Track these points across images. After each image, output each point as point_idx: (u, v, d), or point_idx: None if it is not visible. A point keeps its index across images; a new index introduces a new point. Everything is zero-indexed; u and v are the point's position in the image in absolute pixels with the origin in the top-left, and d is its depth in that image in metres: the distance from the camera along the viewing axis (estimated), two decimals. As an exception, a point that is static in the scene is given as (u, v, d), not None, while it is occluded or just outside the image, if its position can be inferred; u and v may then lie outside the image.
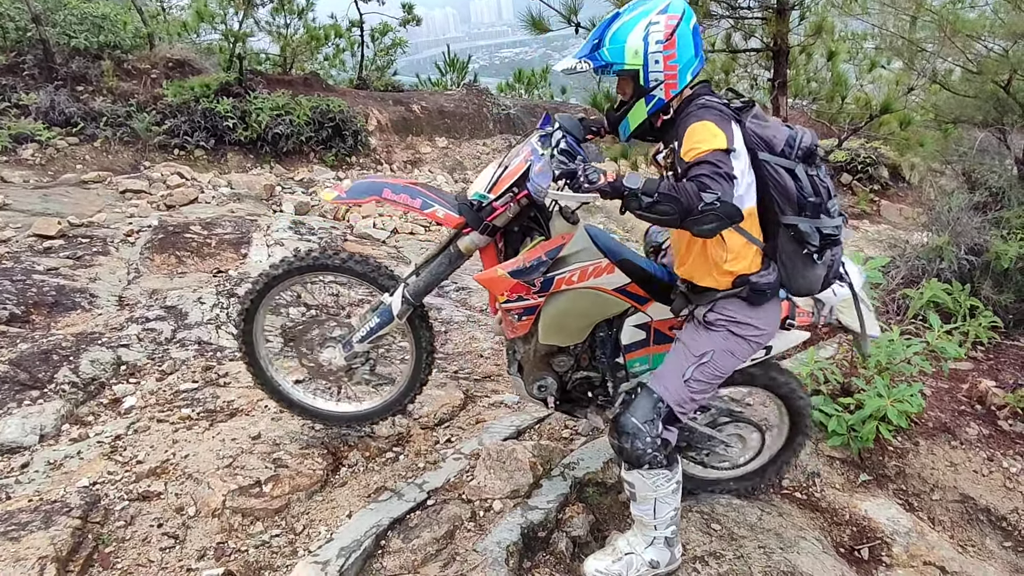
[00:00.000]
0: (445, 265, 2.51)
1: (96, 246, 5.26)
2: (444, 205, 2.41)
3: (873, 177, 9.80)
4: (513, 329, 2.47)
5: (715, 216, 1.88)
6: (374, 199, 2.42)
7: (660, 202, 1.89)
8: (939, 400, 3.88)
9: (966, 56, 5.61)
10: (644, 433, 2.20)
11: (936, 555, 3.05)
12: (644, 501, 2.32)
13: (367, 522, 2.51)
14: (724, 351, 2.25)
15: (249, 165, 8.73)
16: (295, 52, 10.77)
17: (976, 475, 3.41)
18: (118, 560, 2.39)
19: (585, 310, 2.44)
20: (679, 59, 2.10)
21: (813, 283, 2.25)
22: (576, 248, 2.35)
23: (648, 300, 2.45)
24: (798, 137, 2.12)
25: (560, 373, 2.60)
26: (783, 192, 2.10)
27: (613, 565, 2.38)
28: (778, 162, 2.10)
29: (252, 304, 2.67)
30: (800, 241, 2.14)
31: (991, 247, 4.65)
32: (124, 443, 2.97)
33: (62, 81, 8.23)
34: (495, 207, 2.32)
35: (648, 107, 2.17)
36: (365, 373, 2.79)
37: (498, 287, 2.34)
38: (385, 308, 2.57)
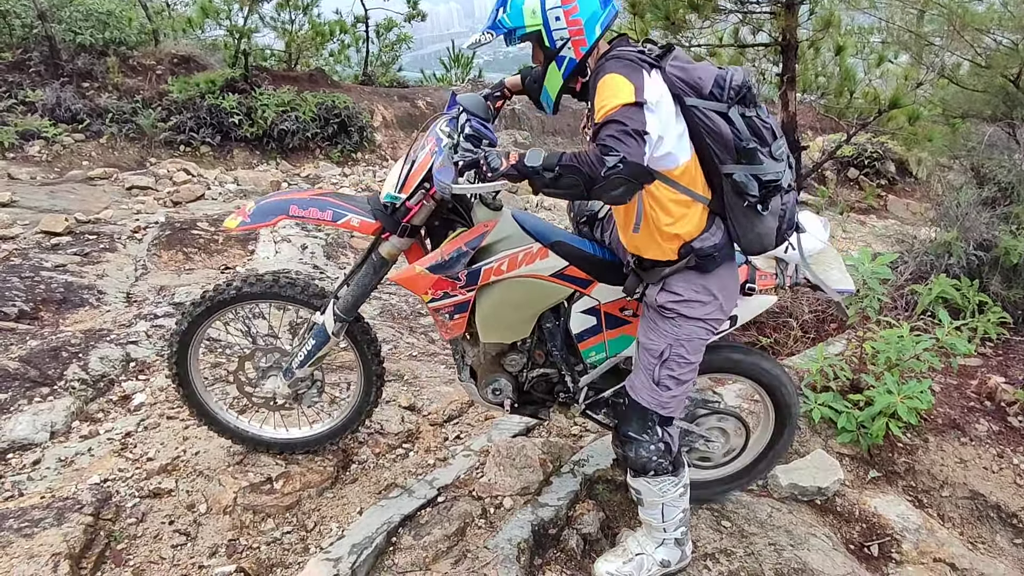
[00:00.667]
0: (371, 275, 2.39)
1: (103, 243, 5.27)
2: (358, 212, 2.27)
3: (880, 172, 9.76)
4: (447, 329, 2.32)
5: (621, 179, 1.75)
6: (281, 218, 2.27)
7: (562, 175, 1.79)
8: (948, 396, 3.87)
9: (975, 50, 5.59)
10: (646, 441, 2.17)
11: (946, 552, 3.05)
12: (652, 506, 2.31)
13: (378, 519, 2.52)
14: (680, 341, 2.10)
15: (255, 161, 8.74)
16: (300, 48, 10.76)
17: (986, 472, 3.40)
18: (130, 557, 2.40)
19: (522, 301, 2.28)
20: (582, 12, 1.93)
21: (765, 238, 2.04)
22: (502, 235, 2.19)
23: (591, 282, 2.29)
24: (728, 76, 1.93)
25: (514, 373, 2.46)
26: (718, 139, 1.92)
27: (624, 566, 2.37)
28: (708, 106, 1.91)
29: (181, 346, 2.54)
30: (739, 192, 1.94)
31: (1000, 242, 4.62)
32: (134, 440, 2.98)
33: (68, 78, 8.25)
34: (409, 207, 2.20)
35: (561, 71, 2.01)
36: (314, 396, 2.68)
37: (419, 285, 2.19)
38: (319, 328, 2.46)
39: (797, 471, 3.15)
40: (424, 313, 5.00)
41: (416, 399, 3.45)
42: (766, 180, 1.94)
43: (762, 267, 2.34)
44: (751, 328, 4.66)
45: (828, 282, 2.35)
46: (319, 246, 5.65)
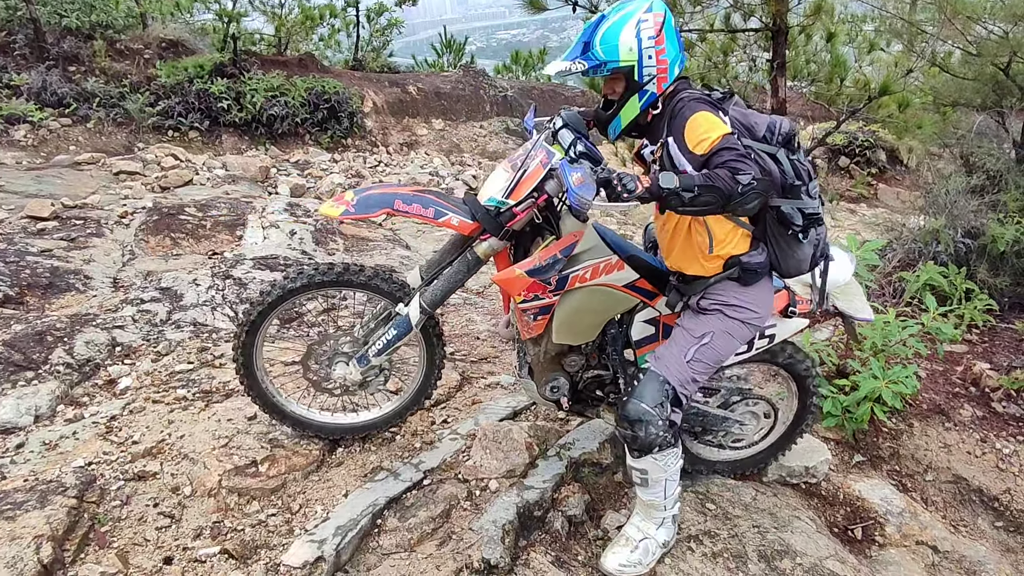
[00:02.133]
0: (463, 272, 2.46)
1: (90, 228, 5.21)
2: (457, 212, 2.36)
3: (871, 160, 9.78)
4: (528, 329, 2.46)
5: (756, 194, 1.96)
6: (386, 212, 2.35)
7: (701, 194, 1.93)
8: (933, 382, 3.90)
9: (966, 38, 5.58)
10: (655, 417, 2.22)
11: (928, 535, 3.08)
12: (655, 484, 2.35)
13: (363, 501, 2.52)
14: (723, 332, 2.28)
15: (244, 147, 8.67)
16: (290, 32, 10.66)
17: (969, 456, 3.44)
18: (114, 539, 2.39)
19: (597, 307, 2.45)
20: (668, 54, 2.17)
21: (802, 262, 2.31)
22: (588, 245, 2.36)
23: (656, 295, 2.47)
24: (778, 124, 2.19)
25: (571, 373, 2.60)
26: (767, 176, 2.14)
27: (633, 555, 2.40)
28: (761, 148, 2.16)
29: (259, 316, 2.56)
30: (784, 223, 2.21)
31: (988, 230, 4.64)
32: (119, 424, 2.97)
33: (54, 61, 8.14)
34: (516, 212, 2.31)
35: (641, 102, 2.22)
36: (380, 383, 2.73)
37: (515, 287, 2.34)
38: (403, 319, 2.50)
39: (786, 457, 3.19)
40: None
41: (403, 384, 3.44)
42: (808, 213, 2.21)
43: (800, 294, 2.60)
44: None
45: (851, 311, 2.69)
46: (308, 232, 5.62)
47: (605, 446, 2.95)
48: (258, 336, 2.61)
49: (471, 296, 5.02)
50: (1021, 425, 3.58)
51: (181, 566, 2.30)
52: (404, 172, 8.72)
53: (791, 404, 2.91)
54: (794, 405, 2.89)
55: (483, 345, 4.06)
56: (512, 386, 3.56)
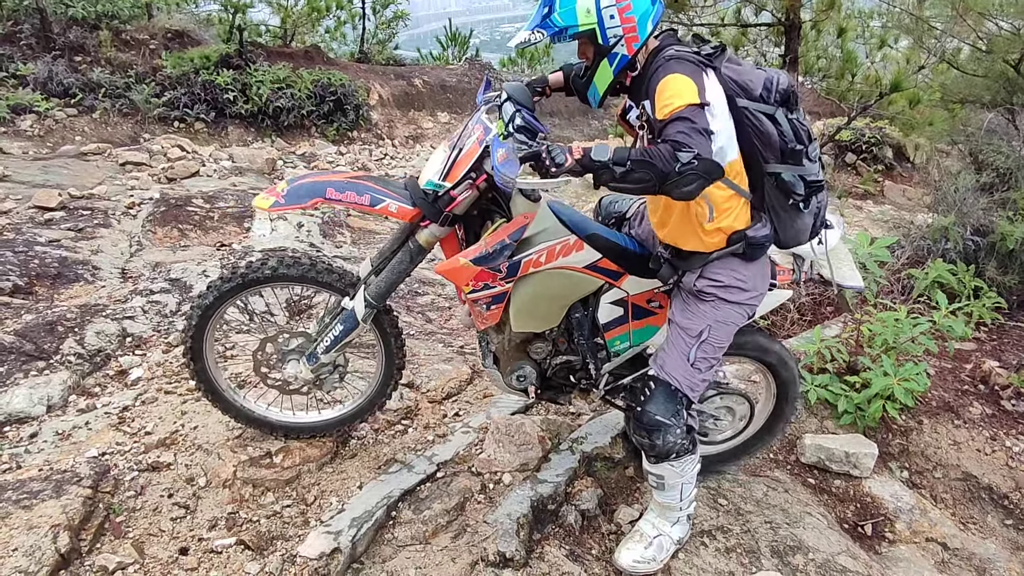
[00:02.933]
0: (406, 263, 2.35)
1: (97, 218, 5.21)
2: (395, 198, 2.24)
3: (877, 157, 9.73)
4: (483, 320, 2.34)
5: (694, 175, 1.78)
6: (317, 202, 2.21)
7: (633, 170, 1.79)
8: (943, 380, 3.90)
9: (977, 35, 5.56)
10: (673, 425, 2.16)
11: (938, 532, 3.09)
12: (672, 488, 2.31)
13: (378, 493, 2.53)
14: (719, 323, 2.17)
15: (250, 139, 8.65)
16: (296, 24, 10.62)
17: (979, 454, 3.44)
18: (130, 529, 2.40)
19: (557, 291, 2.32)
20: (635, 9, 1.98)
21: (802, 232, 2.19)
22: (541, 227, 2.21)
23: (622, 275, 2.34)
24: (775, 80, 2.02)
25: (538, 360, 2.48)
26: (765, 140, 2.02)
27: (647, 551, 2.38)
28: (758, 108, 2.00)
29: (194, 341, 2.48)
30: (785, 191, 2.07)
31: (997, 228, 4.63)
32: (132, 414, 2.97)
33: (59, 51, 8.11)
34: (453, 196, 2.18)
35: (613, 67, 2.06)
36: (335, 381, 2.63)
37: (461, 277, 2.20)
38: (348, 314, 2.41)
39: (826, 439, 3.24)
40: (421, 292, 4.99)
41: (415, 377, 3.45)
42: (809, 180, 2.06)
43: (780, 263, 2.40)
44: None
45: (839, 278, 2.46)
46: (315, 224, 5.62)
47: (617, 440, 2.95)
48: (205, 341, 2.52)
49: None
50: (1031, 423, 3.58)
51: (197, 556, 2.31)
52: (410, 165, 8.71)
53: (769, 395, 2.80)
54: (772, 396, 2.77)
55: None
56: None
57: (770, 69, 2.09)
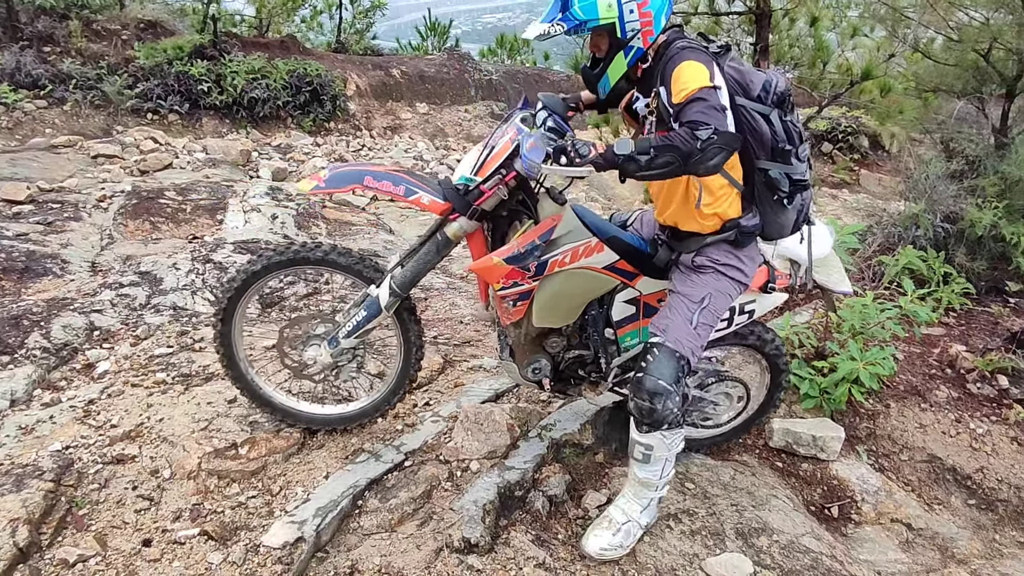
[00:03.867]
0: (433, 253, 2.45)
1: (68, 212, 5.13)
2: (428, 191, 2.35)
3: (853, 146, 9.83)
4: (508, 316, 2.46)
5: (717, 148, 1.90)
6: (355, 188, 2.38)
7: (658, 156, 1.90)
8: (911, 364, 3.95)
9: (948, 24, 5.60)
10: (673, 392, 2.22)
11: (903, 512, 3.14)
12: (656, 462, 2.35)
13: (344, 483, 2.52)
14: (718, 293, 2.30)
15: (225, 130, 8.55)
16: (271, 14, 10.50)
17: (944, 436, 3.50)
18: (92, 522, 2.38)
19: (578, 290, 2.44)
20: (652, 4, 2.09)
21: (784, 227, 2.32)
22: (566, 229, 2.34)
23: (636, 275, 2.48)
24: (773, 82, 2.12)
25: (553, 354, 2.61)
26: (758, 138, 2.12)
27: (615, 538, 2.40)
28: (754, 107, 2.10)
29: (230, 303, 2.55)
30: (771, 187, 2.19)
31: (966, 215, 4.69)
32: (97, 407, 2.94)
33: (28, 41, 7.96)
34: (483, 190, 2.29)
35: (628, 59, 2.17)
36: (352, 371, 2.70)
37: (494, 275, 2.33)
38: (372, 300, 2.49)
39: (793, 423, 3.30)
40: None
41: (386, 367, 3.44)
42: (795, 179, 2.19)
43: (779, 268, 2.61)
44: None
45: (830, 284, 2.71)
46: (290, 216, 5.57)
47: (586, 427, 2.97)
48: (238, 308, 2.59)
49: (455, 280, 5.01)
50: (995, 405, 3.64)
51: (160, 548, 2.29)
52: (388, 156, 8.65)
53: (762, 385, 2.96)
54: (765, 386, 2.94)
55: (466, 329, 4.06)
56: (495, 369, 3.57)
57: (770, 71, 2.20)
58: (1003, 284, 4.68)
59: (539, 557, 2.31)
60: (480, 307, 2.59)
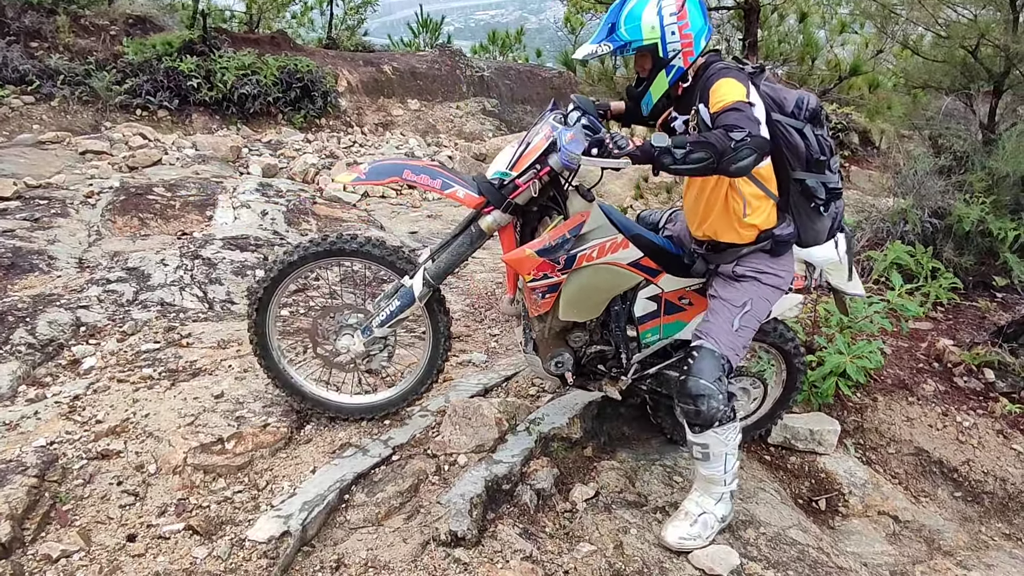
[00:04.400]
0: (466, 246, 2.53)
1: (55, 208, 5.10)
2: (464, 185, 2.43)
3: (844, 143, 9.83)
4: (537, 307, 2.52)
5: (749, 150, 1.99)
6: (395, 180, 2.46)
7: (694, 151, 1.98)
8: (899, 358, 3.98)
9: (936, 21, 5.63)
10: (716, 392, 2.27)
11: (890, 505, 3.16)
12: (716, 458, 2.39)
13: (331, 477, 2.51)
14: (760, 299, 2.40)
15: (215, 126, 8.51)
16: (261, 9, 10.45)
17: (931, 429, 3.52)
18: (76, 517, 2.36)
19: (603, 285, 2.50)
20: (692, 27, 2.22)
21: (820, 233, 2.43)
22: (594, 225, 2.41)
23: (660, 272, 2.54)
24: (805, 100, 2.27)
25: (575, 348, 2.66)
26: (793, 150, 2.25)
27: (692, 528, 2.43)
28: (789, 122, 2.24)
29: (265, 293, 2.60)
30: (808, 195, 2.32)
31: (954, 210, 4.72)
32: (83, 403, 2.92)
33: (15, 37, 7.89)
34: (518, 184, 2.36)
35: (669, 77, 2.29)
36: (383, 360, 2.76)
37: (525, 267, 2.39)
38: (406, 291, 2.56)
39: (790, 418, 3.31)
40: (388, 280, 4.96)
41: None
42: (830, 187, 2.32)
43: (795, 271, 2.61)
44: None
45: (843, 287, 2.80)
46: (280, 212, 5.54)
47: (574, 421, 2.97)
48: (274, 297, 2.65)
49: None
50: (981, 399, 3.67)
51: (145, 543, 2.28)
52: (379, 152, 8.63)
53: (779, 380, 3.00)
54: (782, 381, 2.99)
55: (455, 324, 4.05)
56: (483, 364, 3.57)
57: (801, 91, 2.35)
58: (990, 279, 4.71)
59: (526, 550, 2.31)
60: (503, 300, 2.63)
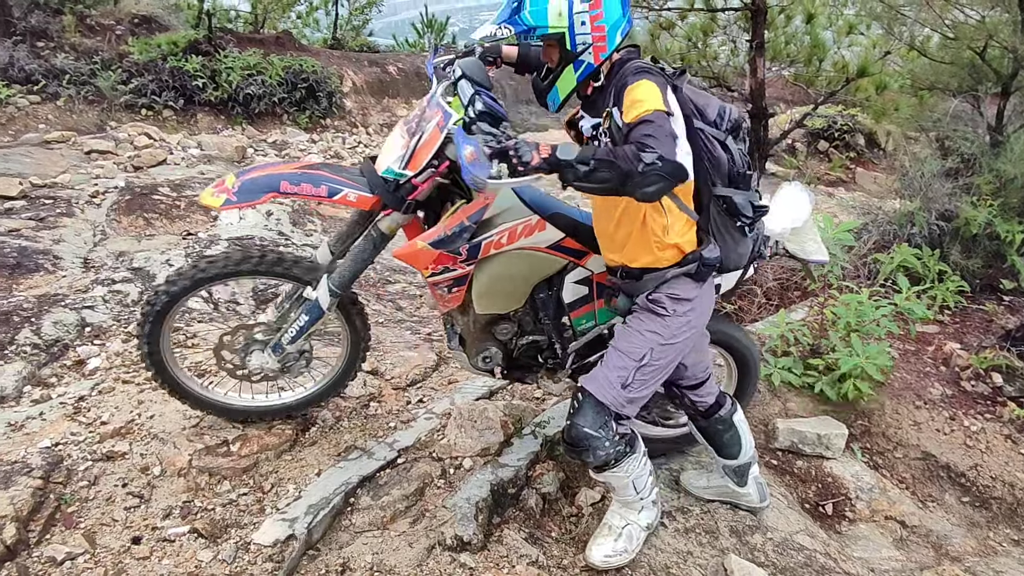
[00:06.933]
0: (369, 250, 2.30)
1: (60, 207, 5.10)
2: (353, 186, 2.18)
3: (849, 144, 9.84)
4: (445, 302, 2.33)
5: (658, 176, 1.73)
6: (272, 196, 2.14)
7: (597, 169, 1.75)
8: (905, 362, 3.95)
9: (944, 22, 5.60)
10: (602, 438, 2.11)
11: (897, 510, 3.13)
12: (623, 488, 2.29)
13: (336, 480, 2.51)
14: (666, 344, 2.12)
15: (220, 126, 8.51)
16: (266, 9, 10.44)
17: (938, 434, 3.50)
18: (81, 520, 2.36)
19: (520, 273, 2.30)
20: (606, 19, 1.96)
21: (742, 256, 2.20)
22: (502, 208, 2.19)
23: (586, 254, 2.32)
24: (727, 110, 2.06)
25: (504, 341, 2.47)
26: (716, 163, 2.04)
27: (617, 543, 2.35)
28: (712, 132, 2.02)
29: (152, 325, 2.41)
30: (733, 214, 2.09)
31: (961, 213, 4.69)
32: (88, 404, 2.92)
33: (21, 36, 7.90)
34: (416, 184, 2.12)
35: (577, 73, 2.03)
36: (302, 367, 2.62)
37: (420, 261, 2.17)
38: (312, 304, 2.37)
39: (798, 422, 3.28)
40: (392, 280, 4.96)
41: (379, 364, 3.43)
42: (757, 205, 2.11)
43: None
44: (717, 295, 4.70)
45: (803, 253, 2.51)
46: (285, 213, 5.54)
47: (580, 425, 2.95)
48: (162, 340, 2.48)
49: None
50: (989, 403, 3.64)
51: (149, 545, 2.28)
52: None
53: (729, 385, 2.82)
54: (732, 385, 2.81)
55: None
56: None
57: (724, 102, 2.13)
58: (997, 282, 4.68)
59: (532, 555, 2.30)
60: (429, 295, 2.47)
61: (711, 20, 5.08)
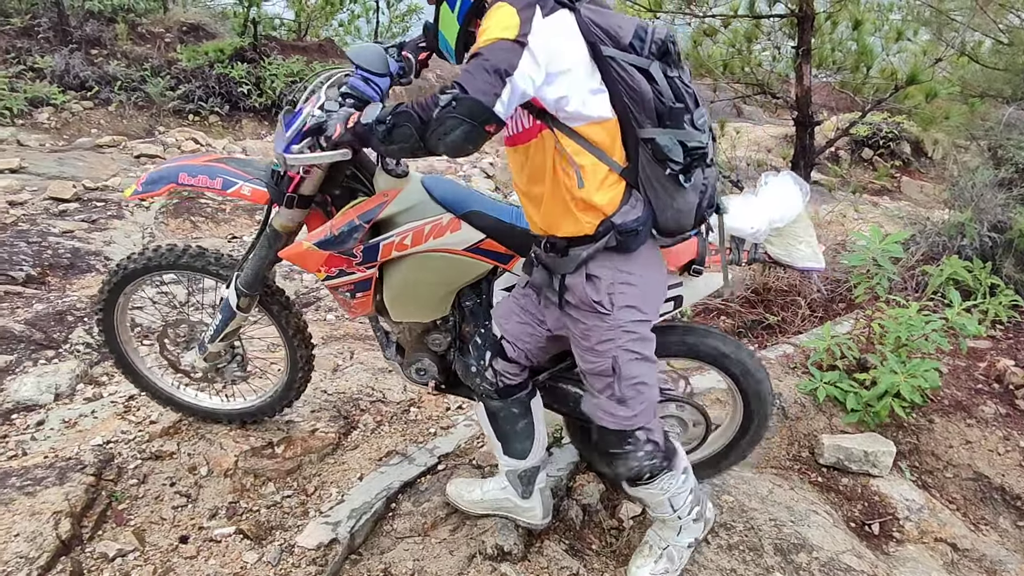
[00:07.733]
0: (266, 248, 2.19)
1: (111, 210, 5.27)
2: (250, 180, 2.09)
3: (895, 153, 9.62)
4: (350, 309, 2.16)
5: (455, 119, 1.43)
6: (170, 187, 2.14)
7: (396, 125, 1.49)
8: (956, 378, 3.83)
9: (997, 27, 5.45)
10: (632, 451, 1.95)
11: (948, 532, 3.03)
12: (659, 505, 2.17)
13: (378, 485, 2.53)
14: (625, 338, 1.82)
15: (264, 132, 8.70)
16: (310, 17, 10.64)
17: (991, 454, 3.38)
18: (131, 517, 2.42)
19: (435, 278, 2.08)
20: None
21: (684, 215, 1.74)
22: (405, 205, 1.97)
23: (512, 257, 2.07)
24: (649, 29, 1.63)
25: (438, 352, 2.26)
26: (637, 98, 1.62)
27: (658, 564, 2.26)
28: (627, 59, 1.60)
29: (104, 312, 2.51)
30: (661, 159, 1.64)
31: (1015, 224, 4.54)
32: (138, 403, 3.00)
33: (76, 44, 8.20)
34: (291, 176, 1.96)
35: (455, 12, 1.69)
36: (235, 370, 2.58)
37: (309, 263, 2.00)
38: (225, 303, 2.33)
39: (843, 439, 3.21)
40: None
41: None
42: (691, 147, 1.65)
43: (713, 241, 2.00)
44: (758, 306, 4.62)
45: (789, 259, 2.08)
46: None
47: (620, 435, 2.93)
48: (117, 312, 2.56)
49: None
50: (1046, 423, 3.51)
51: (196, 545, 2.32)
52: (422, 159, 8.70)
53: (733, 420, 2.51)
54: (736, 421, 2.48)
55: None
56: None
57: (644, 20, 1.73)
58: (1054, 297, 4.51)
59: (572, 567, 2.28)
60: None
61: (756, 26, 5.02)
